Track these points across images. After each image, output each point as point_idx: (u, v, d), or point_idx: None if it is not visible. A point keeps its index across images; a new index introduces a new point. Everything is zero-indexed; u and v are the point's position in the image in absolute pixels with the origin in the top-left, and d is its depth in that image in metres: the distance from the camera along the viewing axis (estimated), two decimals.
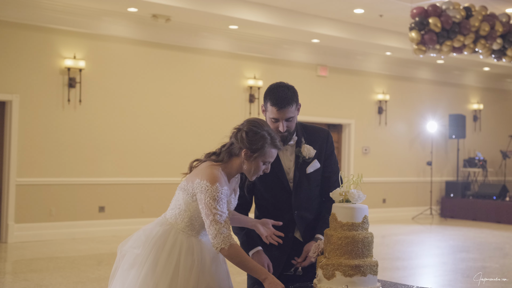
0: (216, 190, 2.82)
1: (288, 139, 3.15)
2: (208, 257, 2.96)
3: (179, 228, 2.95)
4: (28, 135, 9.33)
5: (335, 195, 2.89)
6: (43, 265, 7.54)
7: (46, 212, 9.48)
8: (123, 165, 10.16)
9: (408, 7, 9.69)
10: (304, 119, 12.36)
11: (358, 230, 2.80)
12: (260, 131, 2.89)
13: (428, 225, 12.91)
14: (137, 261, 2.91)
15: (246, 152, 2.89)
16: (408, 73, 14.22)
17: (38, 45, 9.42)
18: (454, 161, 15.12)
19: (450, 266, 8.11)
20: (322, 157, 3.25)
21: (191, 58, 10.93)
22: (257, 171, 2.94)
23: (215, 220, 2.79)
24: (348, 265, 2.70)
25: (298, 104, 3.14)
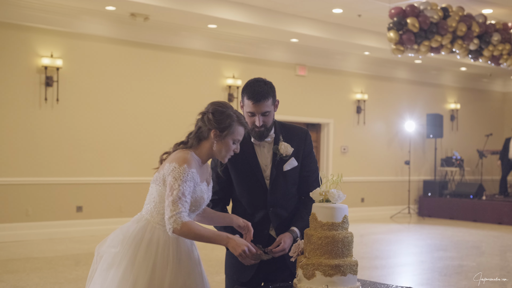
0: (183, 170, 2.81)
1: (264, 135, 3.16)
2: (185, 251, 2.96)
3: (156, 222, 2.94)
4: (4, 134, 9.21)
5: (315, 195, 2.89)
6: (19, 266, 7.45)
7: (22, 212, 9.37)
8: (101, 165, 10.07)
9: (386, 7, 9.75)
10: (283, 118, 12.36)
11: (338, 230, 2.80)
12: (226, 110, 2.93)
13: (406, 224, 13.01)
14: (116, 260, 2.89)
15: (215, 132, 2.91)
16: (386, 73, 14.32)
17: (15, 43, 9.30)
18: (431, 160, 15.27)
19: (428, 265, 8.17)
20: (300, 156, 3.25)
21: (170, 57, 10.88)
22: (228, 151, 2.95)
23: (174, 201, 2.78)
24: (328, 265, 2.70)
25: (275, 100, 3.17)
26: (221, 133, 2.91)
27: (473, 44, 10.19)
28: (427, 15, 9.33)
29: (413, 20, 9.18)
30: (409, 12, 9.18)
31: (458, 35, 9.84)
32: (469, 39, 10.00)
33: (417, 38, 9.22)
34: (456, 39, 9.89)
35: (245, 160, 3.19)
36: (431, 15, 9.36)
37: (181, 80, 10.95)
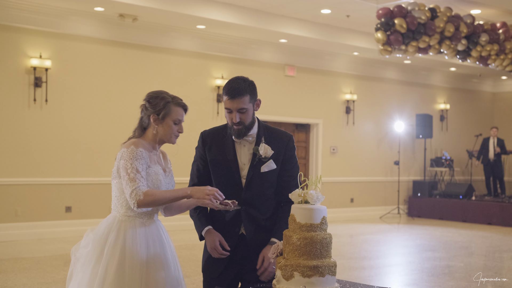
0: (131, 151, 2.96)
1: (242, 133, 3.20)
2: (152, 241, 3.04)
3: (121, 214, 3.04)
4: None
5: (294, 196, 2.91)
6: (8, 266, 7.44)
7: (11, 212, 9.36)
8: (90, 165, 10.07)
9: (374, 7, 9.78)
10: (272, 119, 12.41)
11: (316, 231, 2.81)
12: (160, 95, 3.08)
13: (396, 224, 13.05)
14: (87, 259, 2.97)
15: (153, 117, 3.05)
16: (375, 73, 14.36)
17: (3, 44, 9.29)
18: (421, 161, 15.33)
19: (416, 265, 8.19)
20: (280, 159, 3.27)
21: (159, 58, 10.88)
22: (172, 132, 3.08)
23: (131, 179, 2.91)
24: (307, 266, 2.72)
25: (255, 99, 3.21)
26: (159, 116, 3.04)
27: (461, 45, 10.24)
28: (415, 15, 9.37)
29: (401, 21, 9.22)
30: (396, 13, 9.21)
31: (446, 35, 9.88)
32: (457, 40, 10.04)
33: (404, 39, 9.26)
34: (444, 39, 9.93)
35: (224, 156, 3.24)
36: (418, 15, 9.40)
37: (170, 81, 10.95)
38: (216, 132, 3.33)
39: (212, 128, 3.38)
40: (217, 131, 3.33)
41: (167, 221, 8.30)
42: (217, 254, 3.21)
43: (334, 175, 13.49)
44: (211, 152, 3.28)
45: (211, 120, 11.20)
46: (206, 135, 3.33)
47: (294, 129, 13.14)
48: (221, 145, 3.26)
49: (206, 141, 3.31)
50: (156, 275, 2.99)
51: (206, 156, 3.30)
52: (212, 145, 3.29)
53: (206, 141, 3.31)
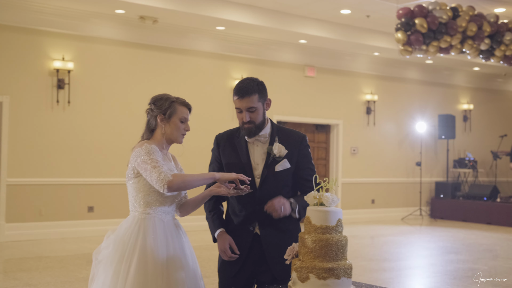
0: (146, 147, 3.04)
1: (253, 132, 3.24)
2: (172, 238, 3.08)
3: (140, 213, 3.08)
4: (18, 136, 9.35)
5: (309, 198, 2.92)
6: (32, 265, 7.57)
7: (36, 212, 9.50)
8: (112, 165, 10.17)
9: (394, 7, 9.71)
10: (292, 119, 12.41)
11: (332, 233, 2.81)
12: (164, 96, 3.17)
13: (418, 226, 12.93)
14: (109, 260, 2.99)
15: (160, 117, 3.13)
16: (396, 73, 14.26)
17: (28, 47, 9.44)
18: (443, 162, 15.17)
19: (438, 268, 8.08)
20: (294, 159, 3.30)
21: (179, 59, 10.95)
22: (178, 130, 3.16)
23: (152, 167, 2.96)
24: (322, 268, 2.71)
25: (264, 98, 3.25)
26: (165, 115, 3.12)
27: (484, 44, 10.09)
28: (436, 15, 9.27)
29: (421, 21, 9.13)
30: (417, 13, 9.13)
31: (468, 35, 9.75)
32: (480, 39, 9.90)
33: (425, 39, 9.17)
34: (466, 39, 9.81)
35: (238, 157, 3.29)
36: (440, 15, 9.30)
37: (190, 82, 11.02)
38: (230, 134, 3.39)
39: (226, 131, 3.44)
40: (231, 133, 3.39)
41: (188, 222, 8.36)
42: (226, 256, 3.25)
43: (355, 176, 13.43)
44: (225, 153, 3.34)
45: (231, 121, 11.23)
46: (220, 138, 3.40)
47: (314, 130, 13.10)
48: (235, 146, 3.31)
49: (220, 143, 3.37)
50: (175, 275, 3.01)
51: (221, 157, 3.35)
52: (225, 147, 3.34)
53: (220, 143, 3.37)
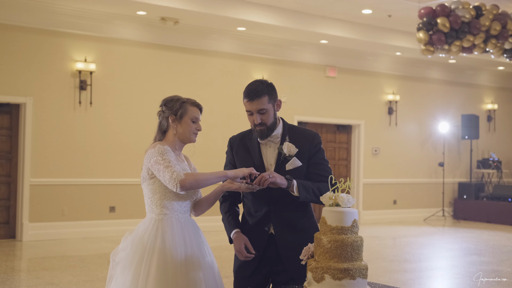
0: (158, 148, 3.06)
1: (265, 133, 3.26)
2: (189, 238, 3.09)
3: (157, 214, 3.09)
4: (42, 136, 9.49)
5: (325, 199, 2.92)
6: (54, 264, 7.67)
7: (58, 211, 9.63)
8: (133, 166, 10.25)
9: (416, 6, 9.64)
10: (313, 120, 12.39)
11: (347, 234, 2.81)
12: (175, 97, 3.20)
13: (440, 227, 12.80)
14: (127, 261, 3.00)
15: (172, 118, 3.16)
16: (419, 73, 14.14)
17: (51, 48, 9.57)
18: (467, 162, 15.00)
19: (460, 269, 7.99)
20: (306, 157, 3.30)
21: (200, 60, 11.00)
22: (190, 130, 3.19)
23: (165, 167, 2.99)
24: (337, 269, 2.72)
25: (274, 99, 3.27)
26: (177, 116, 3.15)
27: (508, 43, 9.95)
28: (459, 14, 9.17)
29: (444, 20, 9.04)
30: (439, 12, 9.04)
31: (492, 34, 9.63)
32: (504, 38, 9.77)
33: (447, 38, 9.07)
34: (489, 38, 9.68)
35: (251, 158, 3.31)
36: (462, 14, 9.20)
37: (211, 83, 11.06)
38: (243, 136, 3.41)
39: (239, 133, 3.46)
40: (244, 135, 3.42)
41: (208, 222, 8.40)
42: (242, 256, 3.26)
43: (377, 177, 13.35)
44: (238, 155, 3.37)
45: None
46: (233, 140, 3.44)
47: (336, 130, 13.06)
48: (247, 148, 3.34)
49: (233, 146, 3.41)
50: (194, 274, 3.03)
51: (235, 159, 3.39)
52: (239, 149, 3.37)
53: (233, 145, 3.41)
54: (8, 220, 9.43)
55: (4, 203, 9.41)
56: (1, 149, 9.38)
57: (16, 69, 9.28)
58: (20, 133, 9.43)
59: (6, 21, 9.19)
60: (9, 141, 9.44)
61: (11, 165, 9.45)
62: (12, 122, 9.46)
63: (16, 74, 9.29)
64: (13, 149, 9.46)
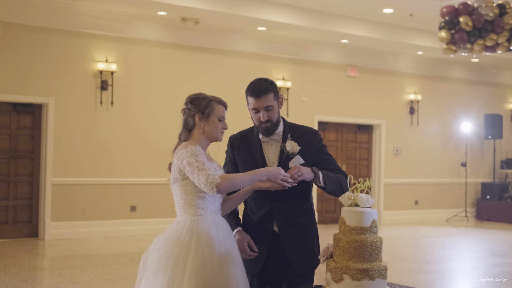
0: (190, 149, 3.00)
1: (271, 130, 3.28)
2: (223, 237, 3.06)
3: (192, 215, 3.05)
4: (63, 136, 9.58)
5: (343, 199, 2.91)
6: (76, 262, 7.74)
7: (80, 211, 9.72)
8: (154, 166, 10.30)
9: (438, 5, 9.55)
10: (334, 119, 12.34)
11: (366, 234, 2.80)
12: (201, 95, 3.15)
13: (463, 228, 12.67)
14: (161, 263, 2.96)
15: (198, 116, 3.11)
16: (440, 73, 14.01)
17: (72, 49, 9.66)
18: (490, 162, 14.82)
19: (483, 271, 7.86)
20: (309, 154, 3.31)
21: (220, 60, 11.02)
22: (217, 128, 3.14)
23: (199, 169, 2.93)
24: (356, 269, 2.71)
25: (277, 96, 3.30)
26: (203, 114, 3.11)
27: None
28: (482, 12, 9.05)
29: (466, 19, 8.92)
30: (461, 11, 8.92)
31: None
32: None
33: (470, 37, 8.96)
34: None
35: (252, 156, 3.33)
36: (485, 12, 9.07)
37: (231, 83, 11.07)
38: (244, 134, 3.44)
39: (239, 132, 3.49)
40: (244, 133, 3.44)
41: None
42: (246, 255, 3.26)
43: (398, 177, 13.25)
44: (240, 154, 3.38)
45: None
46: (234, 139, 3.45)
47: (357, 130, 12.99)
48: (249, 146, 3.36)
49: (234, 144, 3.43)
50: (227, 270, 3.01)
51: (235, 158, 3.40)
52: (240, 148, 3.39)
53: (234, 144, 3.43)
54: (31, 219, 9.55)
55: (27, 202, 9.53)
56: (24, 149, 9.50)
57: (38, 70, 9.39)
58: (42, 133, 9.54)
59: (29, 22, 9.30)
60: (31, 141, 9.56)
61: (34, 164, 9.56)
62: (34, 122, 9.57)
63: (38, 74, 9.40)
64: (36, 149, 9.57)
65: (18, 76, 9.25)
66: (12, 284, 6.39)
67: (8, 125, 9.38)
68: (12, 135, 9.41)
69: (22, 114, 9.47)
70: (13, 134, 9.42)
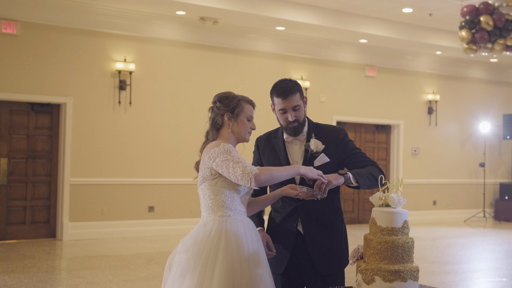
0: (223, 147, 2.96)
1: (299, 130, 3.28)
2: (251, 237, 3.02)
3: (220, 215, 3.00)
4: (82, 136, 9.60)
5: (374, 199, 2.87)
6: (95, 263, 7.73)
7: (98, 211, 9.73)
8: (172, 166, 10.31)
9: (458, 5, 9.48)
10: (352, 119, 12.28)
11: (398, 235, 2.76)
12: (230, 94, 3.12)
13: (481, 228, 12.58)
14: (190, 265, 2.92)
15: (228, 115, 3.07)
16: (459, 73, 13.91)
17: (90, 49, 9.68)
18: (509, 163, 14.69)
19: (504, 272, 7.82)
20: (334, 153, 3.28)
21: (239, 60, 11.00)
22: (246, 128, 3.11)
23: (235, 162, 2.90)
24: (388, 270, 2.66)
25: (303, 96, 3.30)
26: (233, 114, 3.07)
27: None
28: (502, 12, 8.96)
29: (487, 18, 8.84)
30: (482, 10, 8.85)
31: None
32: None
33: (491, 37, 8.87)
34: None
35: (277, 156, 3.33)
36: (506, 12, 8.98)
37: (250, 82, 11.05)
38: (269, 135, 3.44)
39: (266, 133, 3.49)
40: (270, 134, 3.45)
41: None
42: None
43: (416, 177, 13.17)
44: (265, 154, 3.39)
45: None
46: (259, 140, 3.47)
47: (375, 130, 12.93)
48: (273, 146, 3.36)
49: (260, 145, 3.44)
50: (255, 271, 2.97)
51: (261, 159, 3.41)
52: (265, 148, 3.40)
53: (260, 145, 3.44)
54: (49, 220, 9.58)
55: (45, 203, 9.56)
56: (42, 149, 9.53)
57: (56, 69, 9.42)
58: (61, 133, 9.57)
59: (47, 22, 9.33)
60: (49, 140, 9.59)
61: (52, 164, 9.60)
62: (52, 122, 9.60)
63: (56, 74, 9.43)
64: (54, 148, 9.61)
65: (36, 76, 9.27)
66: (31, 285, 6.40)
67: (26, 125, 9.42)
68: (30, 135, 9.44)
69: (40, 114, 9.51)
70: (31, 134, 9.45)
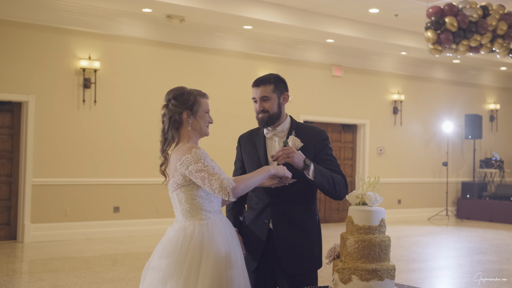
0: (195, 153, 2.88)
1: (267, 122, 3.27)
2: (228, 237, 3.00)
3: (199, 219, 2.96)
4: (44, 135, 9.38)
5: (351, 197, 2.86)
6: (58, 265, 7.57)
7: (61, 212, 9.53)
8: (138, 166, 10.18)
9: (424, 6, 9.62)
10: (319, 119, 12.33)
11: (375, 233, 2.76)
12: (184, 90, 3.04)
13: (444, 226, 12.81)
14: (171, 271, 2.86)
15: (187, 113, 3.00)
16: (423, 73, 14.13)
17: (54, 46, 9.47)
18: (470, 162, 14.99)
19: (467, 268, 8.00)
20: (311, 153, 3.26)
21: (206, 58, 10.93)
22: (205, 123, 3.06)
23: (210, 174, 2.82)
24: (365, 269, 2.66)
25: (280, 91, 3.30)
26: (192, 111, 3.00)
27: None
28: (466, 14, 9.14)
29: (452, 19, 9.00)
30: (447, 11, 9.01)
31: (499, 34, 9.60)
32: (510, 38, 9.74)
33: (455, 38, 9.04)
34: (496, 38, 9.66)
35: (255, 152, 3.35)
36: (470, 14, 9.17)
37: (217, 81, 10.99)
38: (252, 132, 3.48)
39: (248, 130, 3.53)
40: (252, 131, 3.48)
41: None
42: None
43: (381, 176, 13.30)
44: (245, 150, 3.42)
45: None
46: (242, 137, 3.51)
47: (341, 130, 13.02)
48: (254, 142, 3.38)
49: (241, 142, 3.48)
50: (236, 272, 2.94)
51: (242, 155, 3.44)
52: (246, 144, 3.43)
53: (241, 142, 3.48)
54: (9, 221, 9.32)
55: (5, 204, 9.30)
56: (3, 148, 9.26)
57: (18, 67, 9.18)
58: (22, 132, 9.32)
59: (8, 17, 9.09)
60: (10, 140, 9.34)
61: (13, 164, 9.34)
62: (13, 121, 9.35)
63: (18, 71, 9.18)
64: (15, 148, 9.35)
65: None
66: None
67: None
68: None
69: (0, 113, 9.25)
70: None
